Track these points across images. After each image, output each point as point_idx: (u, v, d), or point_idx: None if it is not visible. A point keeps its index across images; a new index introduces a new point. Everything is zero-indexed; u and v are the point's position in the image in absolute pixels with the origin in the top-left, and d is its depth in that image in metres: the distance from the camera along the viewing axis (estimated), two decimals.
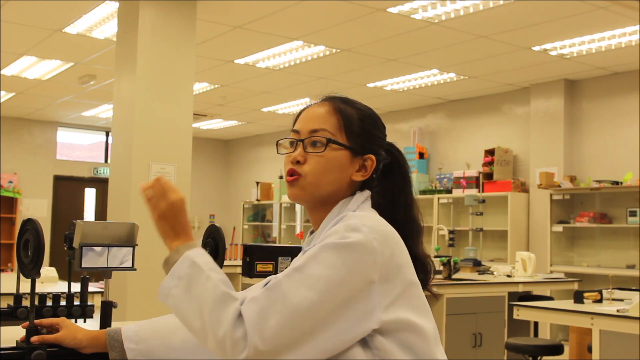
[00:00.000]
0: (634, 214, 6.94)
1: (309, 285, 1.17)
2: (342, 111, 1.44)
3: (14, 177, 11.14)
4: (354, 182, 1.41)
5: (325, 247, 1.21)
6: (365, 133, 1.43)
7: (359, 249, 1.20)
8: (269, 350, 1.13)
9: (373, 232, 1.23)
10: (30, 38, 6.59)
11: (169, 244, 1.32)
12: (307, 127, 1.45)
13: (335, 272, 1.18)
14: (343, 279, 1.18)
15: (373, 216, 1.33)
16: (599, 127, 7.62)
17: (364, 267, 1.20)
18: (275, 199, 11.34)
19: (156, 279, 4.95)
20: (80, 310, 1.92)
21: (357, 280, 1.19)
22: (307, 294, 1.16)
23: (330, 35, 6.31)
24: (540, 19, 5.74)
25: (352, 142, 1.41)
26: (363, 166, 1.42)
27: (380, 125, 1.47)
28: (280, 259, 1.88)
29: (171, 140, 5.17)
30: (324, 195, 1.39)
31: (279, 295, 1.16)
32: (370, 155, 1.42)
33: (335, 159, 1.39)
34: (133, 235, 1.72)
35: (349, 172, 1.40)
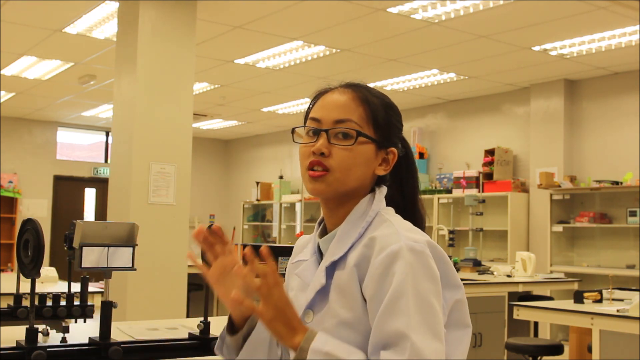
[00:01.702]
0: (634, 214, 6.94)
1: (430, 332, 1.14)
2: (369, 101, 1.34)
3: (14, 177, 11.14)
4: (375, 176, 1.35)
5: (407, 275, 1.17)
6: (389, 125, 1.35)
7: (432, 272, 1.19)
8: None
9: (429, 245, 1.22)
10: (30, 38, 6.59)
11: (289, 343, 1.17)
12: (330, 117, 1.33)
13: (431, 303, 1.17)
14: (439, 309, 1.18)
15: (409, 226, 1.28)
16: (599, 127, 7.62)
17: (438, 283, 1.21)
18: (275, 199, 11.34)
19: (156, 279, 4.95)
20: (80, 310, 1.93)
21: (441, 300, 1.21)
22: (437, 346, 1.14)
23: (330, 35, 6.31)
24: (540, 19, 5.74)
25: (377, 134, 1.33)
26: (385, 160, 1.34)
27: (400, 116, 1.40)
28: (280, 259, 1.88)
29: (171, 140, 5.17)
30: (348, 191, 1.31)
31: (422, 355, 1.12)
32: (392, 149, 1.35)
33: (363, 153, 1.30)
34: (133, 235, 1.72)
35: (373, 167, 1.33)
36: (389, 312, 1.14)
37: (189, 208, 5.28)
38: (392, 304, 1.15)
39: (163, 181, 5.09)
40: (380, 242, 1.21)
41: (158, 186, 5.07)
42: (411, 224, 1.29)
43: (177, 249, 5.16)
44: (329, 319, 1.23)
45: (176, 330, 2.33)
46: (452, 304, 1.26)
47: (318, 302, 1.27)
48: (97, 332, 1.68)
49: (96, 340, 1.67)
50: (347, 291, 1.22)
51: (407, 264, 1.17)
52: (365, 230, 1.27)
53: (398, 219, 1.29)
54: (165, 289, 5.06)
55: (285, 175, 11.66)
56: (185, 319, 4.05)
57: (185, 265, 5.25)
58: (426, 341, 1.12)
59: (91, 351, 1.65)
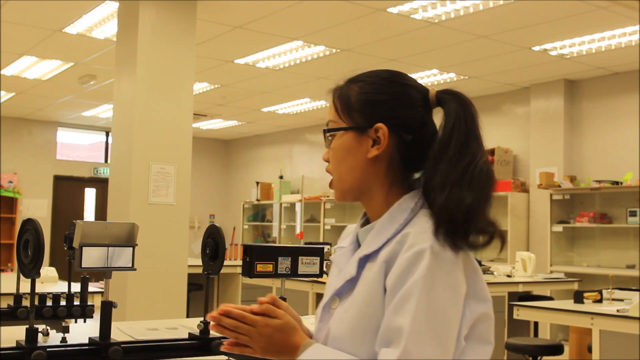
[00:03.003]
0: (634, 214, 6.94)
1: (433, 340, 1.13)
2: (340, 94, 1.35)
3: (14, 177, 11.14)
4: (378, 160, 1.27)
5: (426, 281, 1.15)
6: (365, 105, 1.30)
7: (456, 277, 1.18)
8: None
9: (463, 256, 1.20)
10: (30, 38, 6.59)
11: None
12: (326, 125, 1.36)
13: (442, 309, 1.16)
14: (457, 314, 1.18)
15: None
16: (599, 127, 7.62)
17: (462, 292, 1.19)
18: (275, 199, 11.34)
19: (156, 279, 4.95)
20: (80, 310, 1.93)
21: (460, 303, 1.19)
22: (433, 352, 1.13)
23: (330, 35, 6.31)
24: (540, 19, 5.74)
25: (353, 121, 1.29)
26: (376, 139, 1.27)
27: (387, 88, 1.32)
28: (280, 258, 1.87)
29: (171, 140, 5.17)
30: (354, 186, 1.30)
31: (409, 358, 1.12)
32: (378, 125, 1.27)
33: (342, 146, 1.30)
34: (133, 235, 1.72)
35: (363, 152, 1.28)
36: (396, 310, 1.15)
37: (189, 208, 5.28)
38: (401, 303, 1.14)
39: (163, 181, 5.09)
40: (411, 239, 1.19)
41: (158, 186, 5.07)
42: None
43: (177, 249, 5.16)
44: (350, 310, 1.24)
45: (176, 330, 2.33)
46: (477, 316, 1.23)
47: (346, 291, 1.27)
48: (97, 332, 1.68)
49: (96, 340, 1.67)
50: (371, 286, 1.22)
51: (427, 267, 1.15)
52: (404, 226, 1.23)
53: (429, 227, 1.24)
54: (165, 289, 5.06)
55: (285, 175, 11.66)
56: (185, 319, 4.05)
57: (185, 265, 5.25)
58: (421, 346, 1.11)
59: (91, 351, 1.65)
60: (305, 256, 1.92)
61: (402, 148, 1.28)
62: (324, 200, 10.26)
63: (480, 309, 1.24)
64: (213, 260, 1.91)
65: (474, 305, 1.23)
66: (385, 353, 1.13)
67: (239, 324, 1.24)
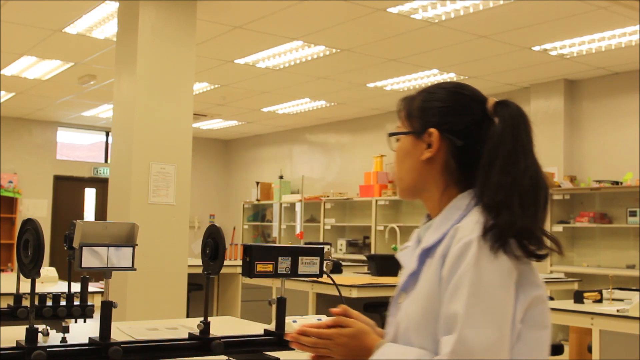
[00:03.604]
0: (634, 214, 6.94)
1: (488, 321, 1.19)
2: (407, 103, 1.47)
3: (14, 177, 11.14)
4: (432, 162, 1.39)
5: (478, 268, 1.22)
6: (421, 111, 1.42)
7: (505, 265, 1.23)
8: None
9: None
10: (30, 38, 6.59)
11: None
12: None
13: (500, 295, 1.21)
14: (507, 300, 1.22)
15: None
16: (599, 127, 7.62)
17: (512, 279, 1.24)
18: (275, 199, 11.34)
19: (156, 279, 4.94)
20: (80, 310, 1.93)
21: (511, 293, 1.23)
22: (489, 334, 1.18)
23: (330, 35, 6.31)
24: (540, 19, 5.74)
25: (412, 126, 1.43)
26: (429, 143, 1.39)
27: (441, 96, 1.40)
28: (280, 258, 1.87)
29: (171, 140, 5.17)
30: (411, 184, 1.44)
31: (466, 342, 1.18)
32: (430, 130, 1.38)
33: (401, 149, 1.44)
34: (133, 235, 1.72)
35: (418, 155, 1.41)
36: (450, 298, 1.23)
37: (189, 208, 5.28)
38: (454, 291, 1.22)
39: (163, 181, 5.09)
40: (460, 232, 1.27)
41: (158, 186, 5.07)
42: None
43: (177, 249, 5.16)
44: (414, 304, 1.33)
45: (176, 330, 2.33)
46: (531, 299, 1.27)
47: (410, 285, 1.38)
48: (97, 332, 1.68)
49: (96, 340, 1.67)
50: (431, 279, 1.30)
51: (475, 255, 1.22)
52: (457, 222, 1.31)
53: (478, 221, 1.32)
54: (165, 289, 5.06)
55: (285, 175, 11.66)
56: (185, 319, 4.05)
57: (185, 265, 5.25)
58: (477, 329, 1.18)
59: (91, 351, 1.65)
60: (305, 256, 1.92)
61: (455, 152, 1.38)
62: (324, 200, 10.26)
63: (533, 292, 1.28)
64: (213, 260, 1.91)
65: (527, 289, 1.27)
66: (445, 341, 1.20)
67: (317, 340, 1.40)
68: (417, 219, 9.17)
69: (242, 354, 1.82)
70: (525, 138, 1.35)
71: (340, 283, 4.49)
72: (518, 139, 1.34)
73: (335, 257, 8.49)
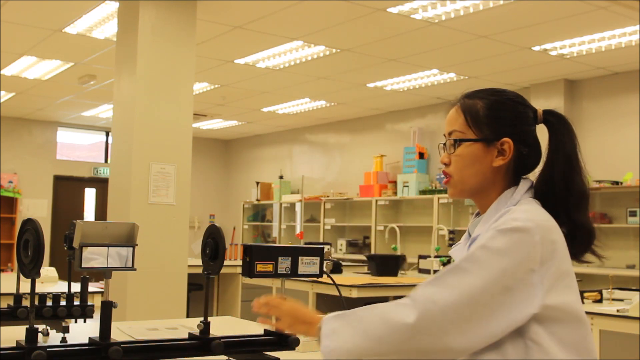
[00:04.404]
0: (634, 214, 6.94)
1: (475, 273, 1.30)
2: (466, 108, 1.53)
3: (14, 177, 11.14)
4: (499, 168, 1.49)
5: (491, 237, 1.33)
6: (493, 120, 1.50)
7: (522, 241, 1.31)
8: (434, 326, 1.27)
9: (537, 227, 1.33)
10: (30, 38, 6.59)
11: (312, 333, 1.44)
12: (446, 131, 1.57)
13: (499, 260, 1.30)
14: (506, 268, 1.29)
15: (535, 210, 1.41)
16: (599, 127, 7.62)
17: (525, 257, 1.30)
18: (275, 199, 11.34)
19: (156, 279, 4.93)
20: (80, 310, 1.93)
21: (519, 269, 1.30)
22: (474, 282, 1.29)
23: (330, 35, 6.31)
24: (540, 19, 5.74)
25: (482, 133, 1.50)
26: (501, 151, 1.49)
27: (510, 106, 1.52)
28: (280, 258, 1.87)
29: (171, 140, 5.17)
30: (473, 187, 1.52)
31: (447, 283, 1.30)
32: (505, 139, 1.49)
33: (470, 154, 1.50)
34: (133, 235, 1.72)
35: (488, 161, 1.49)
36: (461, 259, 1.35)
37: (189, 208, 5.28)
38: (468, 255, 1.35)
39: (163, 181, 5.10)
40: (511, 214, 1.39)
41: (158, 186, 5.07)
42: (543, 213, 1.40)
43: (177, 249, 5.16)
44: None
45: (176, 330, 2.33)
46: (554, 279, 1.32)
47: None
48: (97, 332, 1.68)
49: (96, 340, 1.67)
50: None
51: (491, 237, 1.33)
52: (502, 215, 1.41)
53: (531, 207, 1.42)
54: (165, 289, 5.06)
55: (285, 175, 11.66)
56: (185, 319, 4.05)
57: (185, 265, 5.25)
58: (466, 276, 1.30)
59: (91, 351, 1.65)
60: (305, 256, 1.92)
61: (519, 158, 1.50)
62: (324, 200, 10.26)
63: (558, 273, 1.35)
64: (213, 260, 1.91)
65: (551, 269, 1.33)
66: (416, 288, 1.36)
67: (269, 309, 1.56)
68: (417, 219, 9.18)
69: (242, 354, 1.82)
70: (576, 149, 1.52)
71: (340, 283, 4.49)
72: (578, 147, 1.51)
73: (335, 257, 8.49)
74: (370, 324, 1.31)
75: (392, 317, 1.30)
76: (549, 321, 1.31)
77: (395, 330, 1.28)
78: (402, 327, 1.28)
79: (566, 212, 1.45)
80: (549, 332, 1.31)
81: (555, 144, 1.50)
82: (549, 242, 1.33)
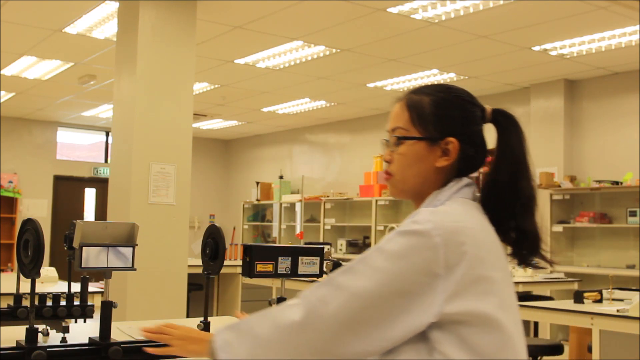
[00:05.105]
0: (634, 214, 6.94)
1: (369, 275, 1.23)
2: (412, 104, 1.44)
3: (14, 177, 11.14)
4: (442, 168, 1.41)
5: (389, 239, 1.27)
6: (440, 118, 1.41)
7: (419, 244, 1.23)
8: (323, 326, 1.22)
9: (437, 229, 1.24)
10: (30, 38, 6.59)
11: (205, 351, 1.39)
12: (389, 127, 1.49)
13: (394, 264, 1.23)
14: (401, 272, 1.22)
15: (452, 211, 1.32)
16: (599, 127, 7.62)
17: (424, 261, 1.22)
18: (275, 199, 11.34)
19: (156, 279, 4.93)
20: (80, 310, 1.93)
21: (417, 274, 1.22)
22: (366, 284, 1.22)
23: (330, 35, 6.31)
24: (540, 19, 5.74)
25: (426, 131, 1.41)
26: (445, 151, 1.41)
27: (459, 105, 1.43)
28: (280, 259, 1.87)
29: (171, 140, 5.16)
30: (414, 187, 1.43)
31: (339, 284, 1.24)
32: (450, 139, 1.40)
33: (412, 153, 1.42)
34: (133, 235, 1.72)
35: (431, 161, 1.41)
36: (354, 261, 1.30)
37: (189, 208, 5.28)
38: (362, 256, 1.29)
39: (163, 181, 5.09)
40: (401, 223, 1.32)
41: (158, 186, 5.07)
42: (459, 214, 1.31)
43: (177, 249, 5.16)
44: None
45: None
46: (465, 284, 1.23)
47: None
48: (97, 332, 1.68)
49: (96, 340, 1.67)
50: None
51: (388, 239, 1.27)
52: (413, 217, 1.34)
53: (447, 208, 1.33)
54: (165, 289, 5.06)
55: (285, 175, 11.66)
56: (185, 319, 4.05)
57: (185, 265, 5.25)
58: (358, 278, 1.24)
59: (91, 351, 1.65)
60: (305, 256, 1.92)
61: (464, 160, 1.42)
62: (324, 200, 10.26)
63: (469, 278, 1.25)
64: (213, 260, 1.91)
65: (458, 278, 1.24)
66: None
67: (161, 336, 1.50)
68: None
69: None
70: (525, 152, 1.45)
71: None
72: (527, 149, 1.44)
73: (335, 257, 8.49)
74: (261, 329, 1.27)
75: (280, 319, 1.26)
76: (458, 327, 1.22)
77: (284, 330, 1.25)
78: (290, 325, 1.24)
79: (512, 217, 1.38)
80: (457, 338, 1.22)
81: (502, 145, 1.43)
82: (455, 244, 1.23)
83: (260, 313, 1.31)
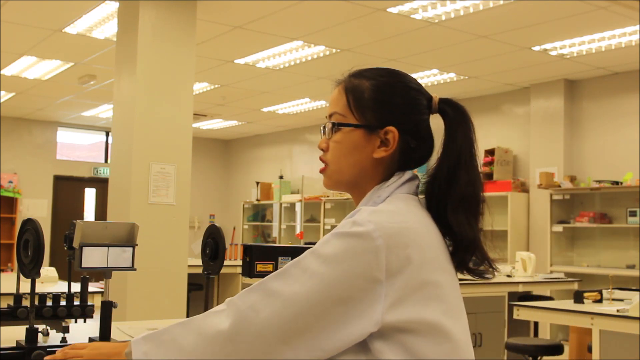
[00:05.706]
0: (634, 214, 6.94)
1: (303, 281, 1.12)
2: (351, 88, 1.33)
3: (14, 177, 11.14)
4: (381, 160, 1.29)
5: (325, 241, 1.16)
6: (380, 105, 1.30)
7: (359, 247, 1.12)
8: (252, 334, 1.11)
9: (378, 230, 1.13)
10: (30, 38, 6.59)
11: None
12: (327, 113, 1.38)
13: (331, 268, 1.12)
14: (339, 277, 1.11)
15: (394, 210, 1.21)
16: (599, 127, 7.62)
17: (363, 265, 1.11)
18: (275, 199, 11.34)
19: (156, 279, 4.94)
20: (80, 310, 1.92)
21: (357, 280, 1.11)
22: (301, 290, 1.12)
23: (330, 35, 6.31)
24: (540, 19, 5.74)
25: (364, 118, 1.30)
26: (384, 141, 1.29)
27: (402, 91, 1.32)
28: (280, 259, 1.87)
29: (171, 140, 5.16)
30: (350, 179, 1.33)
31: (271, 290, 1.14)
32: (390, 128, 1.28)
33: (349, 141, 1.31)
34: (133, 235, 1.72)
35: (369, 151, 1.29)
36: (288, 264, 1.19)
37: (189, 208, 5.28)
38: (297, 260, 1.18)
39: (163, 181, 5.09)
40: (340, 223, 1.21)
41: (158, 186, 5.07)
42: (404, 213, 1.21)
43: (177, 249, 5.16)
44: None
45: None
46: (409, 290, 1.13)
47: None
48: (97, 332, 1.68)
49: (96, 340, 1.67)
50: None
51: (325, 241, 1.16)
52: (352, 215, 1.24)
53: (390, 206, 1.22)
54: (165, 289, 5.06)
55: (285, 175, 11.66)
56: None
57: (185, 265, 5.25)
58: (292, 284, 1.13)
59: None
60: None
61: (405, 151, 1.30)
62: (324, 200, 10.26)
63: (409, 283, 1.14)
64: (213, 260, 1.91)
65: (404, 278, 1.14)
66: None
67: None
68: None
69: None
70: (474, 141, 1.32)
71: None
72: (472, 143, 1.31)
73: None
74: (185, 340, 1.15)
75: (206, 328, 1.15)
76: (402, 336, 1.12)
77: (210, 340, 1.14)
78: (216, 335, 1.13)
79: (442, 214, 1.25)
80: (401, 348, 1.12)
81: (447, 138, 1.30)
82: (398, 247, 1.13)
83: (182, 322, 1.20)
